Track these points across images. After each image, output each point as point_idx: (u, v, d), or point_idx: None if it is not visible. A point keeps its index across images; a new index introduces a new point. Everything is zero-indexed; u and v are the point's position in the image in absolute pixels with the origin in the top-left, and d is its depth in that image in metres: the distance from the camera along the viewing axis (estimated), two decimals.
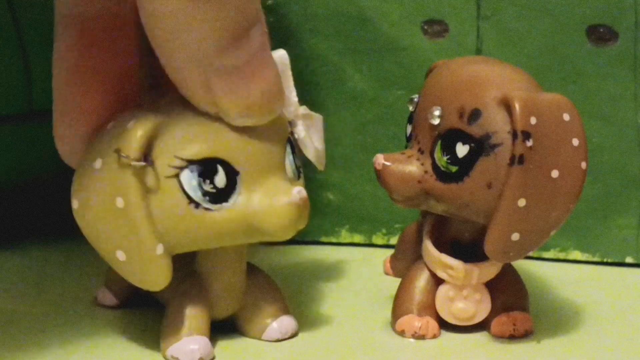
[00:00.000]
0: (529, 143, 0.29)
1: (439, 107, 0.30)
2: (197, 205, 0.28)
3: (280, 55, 0.30)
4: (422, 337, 0.32)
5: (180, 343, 0.29)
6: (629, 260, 0.40)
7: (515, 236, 0.29)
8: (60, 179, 0.32)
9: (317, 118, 0.32)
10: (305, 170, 0.31)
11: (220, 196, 0.28)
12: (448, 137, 0.30)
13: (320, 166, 0.32)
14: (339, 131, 0.41)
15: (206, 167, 0.28)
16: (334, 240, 0.43)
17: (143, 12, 0.26)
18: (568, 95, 0.30)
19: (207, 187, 0.28)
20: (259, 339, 0.31)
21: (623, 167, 0.39)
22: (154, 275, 0.28)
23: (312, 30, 0.41)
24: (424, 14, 0.40)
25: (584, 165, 0.30)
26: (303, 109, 0.31)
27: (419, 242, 0.33)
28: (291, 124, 0.31)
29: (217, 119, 0.28)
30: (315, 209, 0.34)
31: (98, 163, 0.28)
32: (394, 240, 0.41)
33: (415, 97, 0.32)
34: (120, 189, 0.27)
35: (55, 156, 0.33)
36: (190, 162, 0.28)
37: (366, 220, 0.42)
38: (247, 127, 0.28)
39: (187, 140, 0.28)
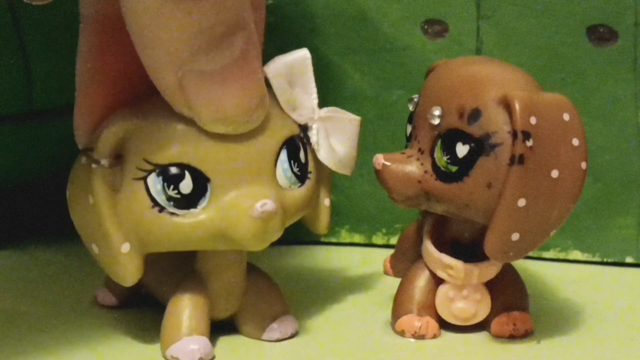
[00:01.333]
0: (529, 143, 0.29)
1: (439, 107, 0.30)
2: (162, 209, 0.28)
3: (300, 55, 0.30)
4: (422, 337, 0.32)
5: (180, 343, 0.29)
6: (629, 260, 0.40)
7: (515, 236, 0.29)
8: (60, 179, 0.32)
9: (349, 120, 0.31)
10: None
11: (185, 202, 0.28)
12: (448, 137, 0.30)
13: (345, 171, 0.32)
14: None
15: (172, 173, 0.28)
16: (334, 240, 0.43)
17: (123, 10, 0.26)
18: (568, 95, 0.30)
19: (171, 192, 0.28)
20: (259, 339, 0.31)
21: (623, 167, 0.39)
22: (122, 271, 0.28)
23: (312, 30, 0.41)
24: (424, 14, 0.40)
25: (584, 165, 0.30)
26: (326, 111, 0.31)
27: (419, 242, 0.33)
28: (305, 127, 0.31)
29: (194, 125, 0.28)
30: None
31: (83, 159, 0.29)
32: (394, 240, 0.41)
33: (415, 97, 0.32)
34: (89, 186, 0.28)
35: (55, 156, 0.33)
36: (157, 167, 0.28)
37: (366, 220, 0.42)
38: (224, 134, 0.28)
39: (158, 144, 0.28)
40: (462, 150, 0.29)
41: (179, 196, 0.28)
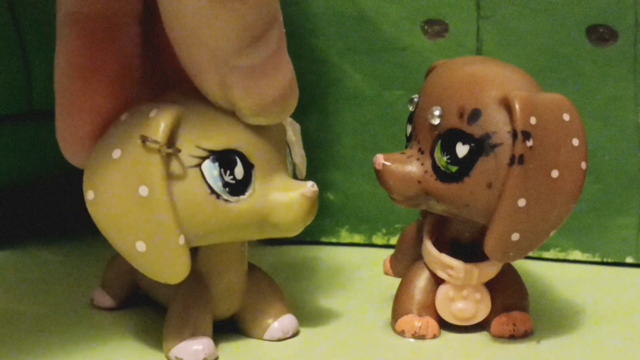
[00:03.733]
0: (529, 143, 0.29)
1: (439, 107, 0.30)
2: (218, 196, 0.28)
3: None
4: (422, 337, 0.32)
5: (184, 344, 0.29)
6: (629, 260, 0.40)
7: (515, 236, 0.29)
8: (60, 180, 0.32)
9: (297, 126, 0.33)
10: (305, 171, 0.31)
11: (238, 188, 0.28)
12: (448, 137, 0.30)
13: (303, 173, 0.33)
14: (339, 131, 0.41)
15: (226, 158, 0.28)
16: (334, 240, 0.43)
17: (163, 11, 0.27)
18: (568, 95, 0.30)
19: (228, 178, 0.28)
20: (261, 338, 0.31)
21: (623, 167, 0.39)
22: (175, 267, 0.28)
23: (312, 30, 0.41)
24: (424, 14, 0.40)
25: (584, 165, 0.30)
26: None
27: (419, 242, 0.33)
28: None
29: (232, 113, 0.28)
30: None
31: (116, 153, 0.28)
32: (394, 240, 0.41)
33: (415, 97, 0.32)
34: (144, 176, 0.27)
35: (55, 156, 0.33)
36: (212, 153, 0.28)
37: (366, 220, 0.42)
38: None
39: (208, 130, 0.28)
40: (462, 150, 0.29)
41: (234, 182, 0.28)
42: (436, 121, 0.30)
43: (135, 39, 0.30)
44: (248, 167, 0.28)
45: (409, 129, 0.32)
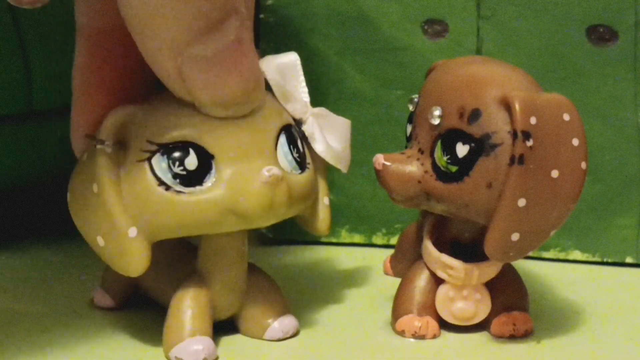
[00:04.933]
0: (529, 143, 0.29)
1: (439, 107, 0.30)
2: (168, 187, 0.28)
3: (291, 58, 0.31)
4: (422, 337, 0.32)
5: (184, 344, 0.29)
6: (629, 260, 0.40)
7: (515, 236, 0.29)
8: (60, 180, 0.32)
9: (341, 120, 0.32)
10: None
11: (191, 179, 0.28)
12: (448, 137, 0.30)
13: (341, 167, 0.32)
14: None
15: (177, 150, 0.28)
16: (334, 240, 0.43)
17: (119, 1, 0.27)
18: (568, 95, 0.30)
19: (177, 169, 0.28)
20: (261, 338, 0.31)
21: (623, 167, 0.39)
22: (130, 260, 0.28)
23: (312, 30, 0.41)
24: (424, 14, 0.40)
25: (584, 165, 0.30)
26: (318, 110, 0.32)
27: (419, 242, 0.33)
28: (299, 122, 0.31)
29: (195, 107, 0.28)
30: None
31: (85, 155, 0.29)
32: (394, 240, 0.41)
33: (415, 97, 0.32)
34: (94, 174, 0.28)
35: (55, 156, 0.33)
36: (161, 146, 0.28)
37: (366, 220, 0.42)
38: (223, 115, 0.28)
39: (161, 126, 0.28)
40: (462, 150, 0.29)
41: (184, 173, 0.28)
42: (436, 121, 0.30)
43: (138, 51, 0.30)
44: (206, 157, 0.28)
45: (409, 129, 0.32)
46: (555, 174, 0.29)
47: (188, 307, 0.30)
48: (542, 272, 0.39)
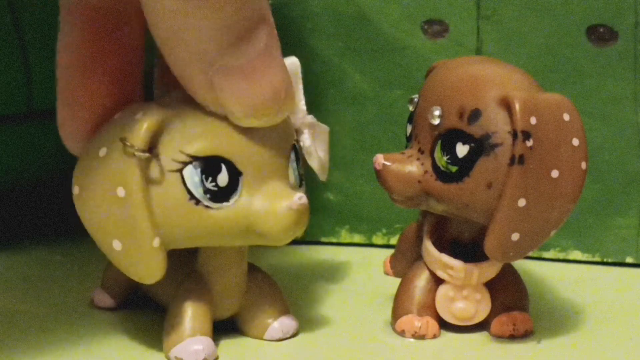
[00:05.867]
0: (529, 143, 0.29)
1: (439, 107, 0.30)
2: (197, 201, 0.28)
3: (291, 62, 0.31)
4: (422, 337, 0.32)
5: (184, 344, 0.29)
6: (629, 260, 0.40)
7: (515, 236, 0.29)
8: (60, 179, 0.32)
9: (323, 129, 0.32)
10: (305, 171, 0.31)
11: (221, 195, 0.28)
12: (448, 137, 0.30)
13: (323, 177, 0.32)
14: (339, 131, 0.41)
15: (210, 165, 0.28)
16: (334, 240, 0.43)
17: (145, 10, 0.27)
18: (568, 95, 0.30)
19: (209, 184, 0.28)
20: (261, 338, 0.31)
21: (623, 167, 0.39)
22: (149, 268, 0.28)
23: (312, 30, 0.41)
24: (424, 14, 0.40)
25: (584, 165, 0.30)
26: (310, 118, 0.32)
27: (419, 242, 0.33)
28: (297, 131, 0.31)
29: (224, 118, 0.28)
30: (315, 209, 0.34)
31: (103, 151, 0.28)
32: (394, 240, 0.41)
33: (415, 97, 0.32)
34: (122, 178, 0.27)
35: (55, 156, 0.33)
36: (195, 158, 0.28)
37: (366, 220, 0.42)
38: (254, 128, 0.28)
39: (193, 136, 0.28)
40: (462, 150, 0.29)
41: (216, 189, 0.28)
42: (436, 121, 0.30)
43: (137, 33, 0.30)
44: (235, 174, 0.28)
45: (409, 129, 0.32)
46: (555, 174, 0.29)
47: (188, 307, 0.30)
48: (542, 272, 0.39)
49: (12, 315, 0.34)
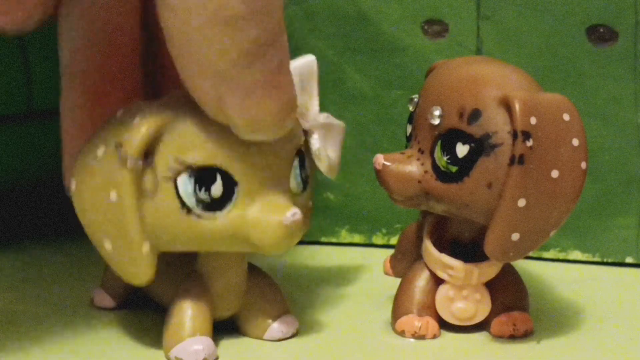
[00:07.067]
0: (529, 143, 0.29)
1: (439, 107, 0.30)
2: (189, 210, 0.28)
3: (309, 61, 0.30)
4: (422, 337, 0.32)
5: (184, 344, 0.29)
6: (629, 260, 0.40)
7: (515, 236, 0.29)
8: (60, 180, 0.32)
9: (338, 126, 0.32)
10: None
11: (214, 205, 0.28)
12: (448, 137, 0.30)
13: (333, 176, 0.32)
14: None
15: (204, 175, 0.27)
16: (334, 240, 0.43)
17: (165, 28, 0.26)
18: (568, 95, 0.30)
19: (202, 195, 0.27)
20: (261, 338, 0.31)
21: (623, 167, 0.39)
22: (138, 271, 0.28)
23: (312, 30, 0.41)
24: (424, 14, 0.40)
25: (584, 165, 0.30)
26: (324, 117, 0.31)
27: (419, 242, 0.33)
28: (307, 133, 0.30)
29: (224, 127, 0.27)
30: (315, 209, 0.34)
31: (100, 151, 0.28)
32: (394, 240, 0.41)
33: (415, 97, 0.32)
34: (115, 183, 0.27)
35: (55, 156, 0.33)
36: (189, 168, 0.27)
37: (366, 220, 0.42)
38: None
39: (190, 144, 0.27)
40: (462, 150, 0.29)
41: (208, 199, 0.28)
42: (436, 121, 0.30)
43: (136, 44, 0.30)
44: (230, 184, 0.28)
45: (409, 129, 0.32)
46: (555, 174, 0.29)
47: (188, 308, 0.30)
48: (542, 272, 0.39)
49: (12, 315, 0.34)
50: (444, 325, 0.32)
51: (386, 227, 0.42)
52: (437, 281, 0.32)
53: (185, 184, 0.27)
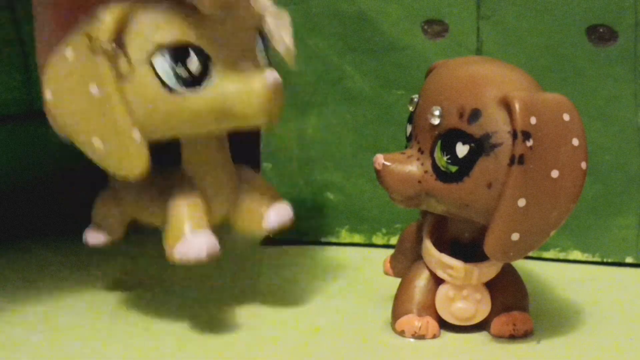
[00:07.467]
0: (529, 143, 0.29)
1: (439, 107, 0.30)
2: (171, 89, 0.28)
3: None
4: (422, 337, 0.32)
5: (186, 241, 0.29)
6: (629, 260, 0.40)
7: (515, 236, 0.29)
8: (60, 180, 0.32)
9: (285, 16, 0.32)
10: (305, 170, 0.31)
11: (193, 81, 0.28)
12: (448, 137, 0.30)
13: (291, 62, 0.32)
14: (339, 131, 0.41)
15: (178, 52, 0.28)
16: (334, 240, 0.43)
17: None
18: (568, 95, 0.30)
19: (180, 70, 0.28)
20: (260, 231, 0.32)
21: (623, 167, 0.39)
22: (132, 161, 0.28)
23: (312, 30, 0.41)
24: (424, 14, 0.40)
25: (584, 165, 0.30)
26: (270, 5, 0.32)
27: (419, 242, 0.33)
28: (260, 18, 0.31)
29: (189, 6, 0.28)
30: (315, 209, 0.34)
31: (69, 51, 0.28)
32: (394, 240, 0.41)
33: (415, 97, 0.32)
34: (93, 75, 0.28)
35: (55, 156, 0.33)
36: (161, 46, 0.28)
37: (366, 220, 0.42)
38: (217, 14, 0.29)
39: (158, 25, 0.28)
40: (462, 150, 0.29)
41: (187, 74, 0.28)
42: (436, 121, 0.30)
43: None
44: (204, 59, 0.29)
45: (409, 129, 0.32)
46: (555, 174, 0.29)
47: (183, 207, 0.30)
48: (542, 272, 0.39)
49: (12, 315, 0.34)
50: (444, 325, 0.32)
51: (386, 227, 0.42)
52: (437, 281, 0.32)
53: (162, 63, 0.28)
